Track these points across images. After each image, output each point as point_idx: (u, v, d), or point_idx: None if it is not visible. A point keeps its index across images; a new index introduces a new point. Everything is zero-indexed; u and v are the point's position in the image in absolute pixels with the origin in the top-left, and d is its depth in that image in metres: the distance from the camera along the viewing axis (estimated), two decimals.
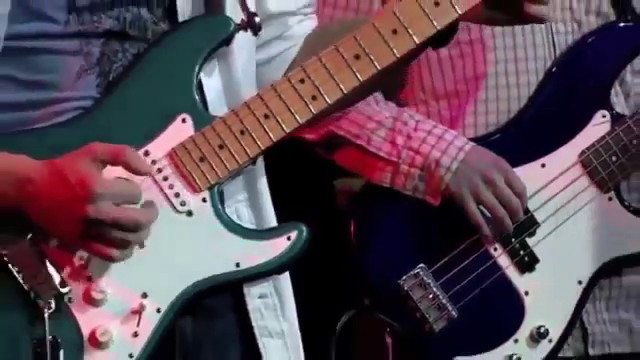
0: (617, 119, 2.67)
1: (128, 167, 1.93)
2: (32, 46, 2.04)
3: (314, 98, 2.03)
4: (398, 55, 2.00)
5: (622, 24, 2.77)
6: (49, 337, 1.91)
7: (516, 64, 2.74)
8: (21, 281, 1.93)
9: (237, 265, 2.00)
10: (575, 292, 2.63)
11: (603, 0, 2.83)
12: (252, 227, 2.12)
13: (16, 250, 1.97)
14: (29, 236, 1.94)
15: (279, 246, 2.03)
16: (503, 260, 2.60)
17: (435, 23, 2.00)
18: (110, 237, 1.92)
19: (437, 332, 2.57)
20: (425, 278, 2.57)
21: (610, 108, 2.68)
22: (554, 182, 2.66)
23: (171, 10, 2.11)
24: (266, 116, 2.02)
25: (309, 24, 2.29)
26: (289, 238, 2.03)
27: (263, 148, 2.01)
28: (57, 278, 1.96)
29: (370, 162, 2.69)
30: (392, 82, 2.74)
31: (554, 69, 2.74)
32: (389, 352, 2.77)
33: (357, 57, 2.05)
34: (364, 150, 2.69)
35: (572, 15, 2.78)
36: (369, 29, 2.04)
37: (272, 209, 2.18)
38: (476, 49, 2.73)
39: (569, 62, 2.76)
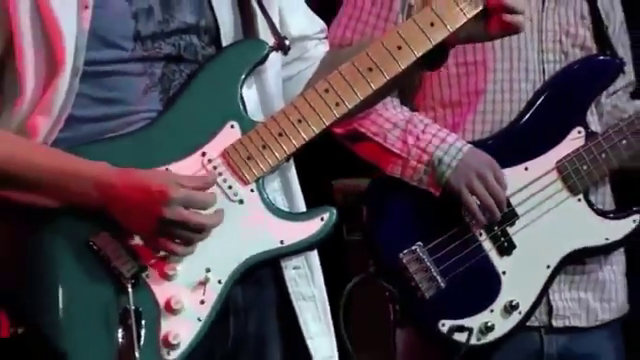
0: (590, 135, 2.96)
1: (204, 183, 2.27)
2: (105, 70, 2.30)
3: (337, 105, 2.32)
4: (402, 67, 2.29)
5: (601, 57, 3.09)
6: (132, 307, 2.20)
7: (511, 84, 3.06)
8: (106, 264, 2.24)
9: (281, 242, 2.29)
10: (544, 274, 2.92)
11: (587, 36, 3.12)
12: (289, 210, 2.43)
13: (101, 238, 2.23)
14: (111, 228, 2.24)
15: (314, 226, 2.33)
16: (486, 244, 2.89)
17: (431, 39, 2.28)
18: (179, 235, 2.22)
19: (427, 299, 2.84)
20: (421, 254, 2.85)
21: (586, 126, 2.97)
22: (534, 183, 2.93)
23: (216, 37, 2.38)
24: (299, 120, 2.31)
25: (323, 48, 2.58)
26: (322, 219, 2.32)
27: (298, 146, 2.30)
28: (136, 259, 2.27)
29: (385, 156, 2.97)
30: (405, 89, 3.02)
31: (542, 90, 3.03)
32: (390, 315, 3.07)
33: (370, 69, 2.33)
34: (380, 146, 2.96)
35: (561, 47, 3.08)
36: (378, 46, 2.33)
37: (301, 196, 2.45)
38: (479, 69, 3.05)
39: (555, 85, 3.05)
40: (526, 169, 2.93)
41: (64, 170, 2.25)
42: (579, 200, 2.96)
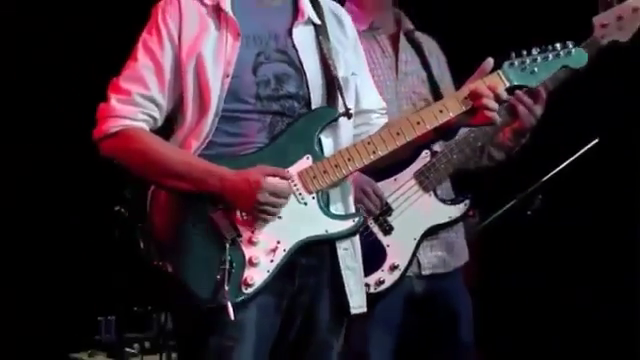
0: (434, 153, 3.62)
1: (283, 177, 2.87)
2: (234, 115, 2.96)
3: (374, 152, 2.96)
4: (418, 134, 2.95)
5: None
6: (228, 258, 2.86)
7: None
8: (217, 230, 2.89)
9: (326, 231, 2.96)
10: (413, 244, 3.63)
11: (427, 93, 3.76)
12: (339, 213, 3.02)
13: (217, 213, 2.91)
14: (221, 205, 2.89)
15: (348, 224, 3.00)
16: (375, 229, 3.61)
17: (438, 119, 2.93)
18: (266, 210, 2.87)
19: None
20: None
21: (430, 148, 3.61)
22: (401, 188, 3.64)
23: (308, 103, 3.00)
24: (349, 159, 2.97)
25: (383, 120, 3.16)
26: (354, 220, 3.00)
27: (346, 174, 2.98)
28: (236, 228, 2.91)
29: None
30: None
31: None
32: None
33: (397, 134, 2.96)
34: None
35: (412, 101, 3.72)
36: (405, 121, 2.98)
37: (352, 202, 3.09)
38: None
39: None
40: (395, 180, 3.62)
41: (206, 170, 2.91)
42: (430, 195, 3.64)
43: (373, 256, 3.51)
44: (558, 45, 2.98)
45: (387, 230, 3.58)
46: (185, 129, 2.97)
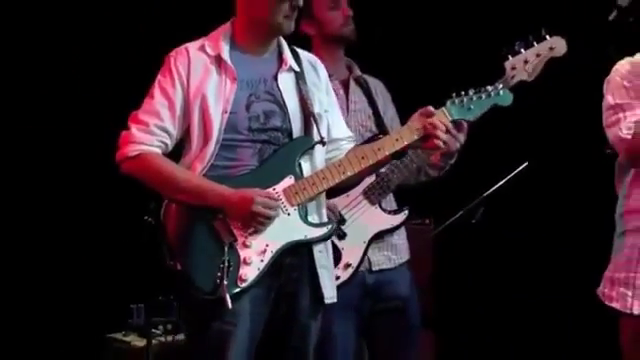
0: (378, 174, 3.45)
1: (271, 198, 2.81)
2: (232, 144, 2.92)
3: (343, 172, 2.93)
4: (379, 158, 2.89)
5: None
6: (227, 258, 2.81)
7: None
8: (220, 235, 2.84)
9: (305, 237, 2.92)
10: (363, 247, 3.48)
11: (373, 125, 3.60)
12: (315, 222, 2.95)
13: (218, 222, 2.85)
14: (221, 216, 2.83)
15: (323, 230, 2.95)
16: (333, 237, 3.21)
17: (395, 146, 2.88)
18: (258, 221, 2.83)
19: None
20: None
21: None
22: (352, 202, 3.49)
23: (290, 134, 2.97)
24: (323, 178, 2.93)
25: (350, 145, 3.13)
26: (327, 227, 2.97)
27: (321, 191, 2.93)
28: (233, 234, 2.86)
29: None
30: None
31: None
32: None
33: (363, 157, 2.94)
34: None
35: (360, 133, 3.52)
36: (369, 147, 2.94)
37: (325, 213, 3.04)
38: None
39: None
40: (347, 196, 3.48)
41: (209, 188, 2.88)
42: (376, 207, 3.51)
43: (334, 256, 3.32)
44: (489, 87, 2.97)
45: (341, 236, 3.46)
46: (192, 154, 2.94)
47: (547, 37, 3.18)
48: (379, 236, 3.52)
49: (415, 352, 3.67)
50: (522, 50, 3.19)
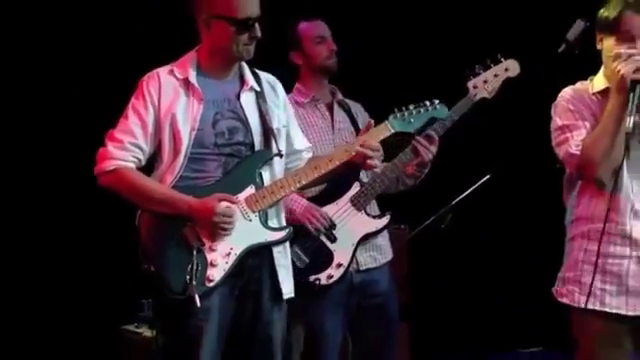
0: (363, 184, 3.55)
1: (232, 202, 2.85)
2: (199, 157, 2.93)
3: (299, 181, 2.97)
4: (330, 168, 2.98)
5: None
6: (195, 261, 2.85)
7: None
8: (189, 241, 2.86)
9: (266, 240, 2.94)
10: (352, 248, 3.52)
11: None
12: (274, 226, 2.97)
13: (187, 229, 2.87)
14: (190, 223, 2.85)
15: (282, 234, 2.99)
16: (323, 238, 3.50)
17: (340, 161, 2.96)
18: (220, 228, 2.85)
19: (301, 266, 3.43)
20: (295, 248, 3.40)
21: (360, 180, 3.57)
22: (341, 209, 3.54)
23: (252, 147, 2.96)
24: (281, 187, 2.95)
25: (309, 155, 3.15)
26: (285, 231, 2.99)
27: (279, 199, 2.95)
28: (200, 239, 2.87)
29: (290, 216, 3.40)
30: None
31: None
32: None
33: (315, 167, 2.99)
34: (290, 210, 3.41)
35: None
36: (322, 159, 3.01)
37: (283, 218, 3.04)
38: None
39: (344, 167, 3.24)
40: (336, 204, 3.54)
41: (177, 198, 2.90)
42: (362, 213, 3.56)
43: (324, 258, 3.54)
44: (427, 102, 3.06)
45: (333, 239, 3.56)
46: (163, 167, 2.96)
47: (502, 60, 3.42)
48: (365, 238, 3.57)
49: (394, 343, 3.70)
50: (481, 71, 3.42)
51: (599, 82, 2.97)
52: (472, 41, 4.67)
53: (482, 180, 4.13)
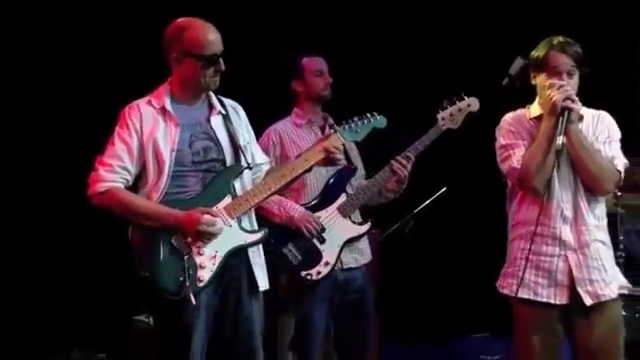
0: (349, 195, 3.76)
1: (213, 215, 2.89)
2: (180, 175, 2.98)
3: (269, 189, 3.02)
4: (296, 174, 3.03)
5: (349, 168, 3.74)
6: (186, 265, 2.89)
7: (312, 187, 3.75)
8: (179, 248, 2.90)
9: (244, 242, 3.00)
10: (337, 249, 3.72)
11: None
12: (249, 229, 3.03)
13: (176, 238, 2.91)
14: (179, 234, 2.89)
15: (257, 236, 3.07)
16: (315, 241, 3.70)
17: (305, 167, 3.02)
18: (205, 236, 2.91)
19: (295, 263, 3.64)
20: (290, 247, 3.65)
21: (347, 192, 3.77)
22: (330, 215, 3.75)
23: (224, 163, 3.01)
24: (254, 195, 3.01)
25: (267, 167, 3.20)
26: (260, 233, 3.08)
27: (253, 206, 3.01)
28: (189, 246, 2.93)
29: (274, 215, 3.69)
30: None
31: (332, 180, 3.79)
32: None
33: (282, 175, 3.05)
34: (273, 212, 3.67)
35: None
36: (287, 166, 3.06)
37: (256, 222, 3.10)
38: (299, 184, 3.67)
39: (331, 179, 3.80)
40: (326, 211, 3.76)
41: (164, 212, 2.93)
42: (347, 220, 3.78)
43: (314, 257, 3.75)
44: (369, 114, 3.19)
45: (322, 241, 3.76)
46: (149, 186, 3.02)
47: (465, 97, 3.70)
48: (349, 242, 3.79)
49: (370, 331, 3.93)
50: (448, 106, 3.70)
51: (535, 109, 3.17)
52: (439, 78, 4.88)
53: (439, 192, 4.32)
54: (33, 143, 4.76)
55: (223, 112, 3.11)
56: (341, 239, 3.77)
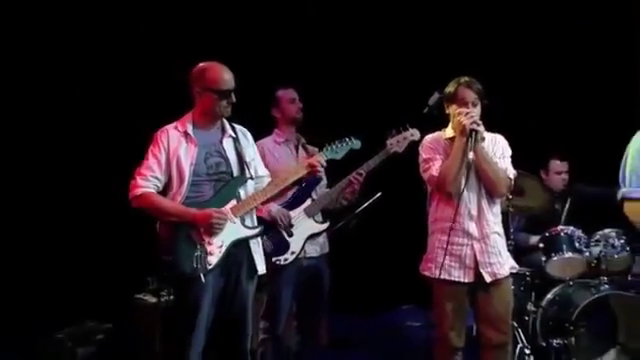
0: (313, 199, 4.22)
1: (222, 213, 3.34)
2: (196, 183, 3.50)
3: (265, 195, 3.51)
4: (288, 183, 3.55)
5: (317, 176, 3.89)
6: (200, 253, 3.44)
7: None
8: (194, 239, 3.43)
9: (246, 235, 3.54)
10: (302, 241, 4.18)
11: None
12: (250, 225, 3.52)
13: (194, 232, 3.42)
14: (194, 228, 3.39)
15: (256, 230, 3.60)
16: (284, 234, 4.24)
17: (295, 178, 3.50)
18: (215, 228, 3.42)
19: (268, 251, 4.09)
20: (264, 238, 4.00)
21: (312, 197, 4.24)
22: (298, 215, 4.28)
23: (232, 174, 3.51)
24: (253, 199, 3.50)
25: (267, 180, 3.66)
26: (258, 229, 3.61)
27: (253, 208, 3.51)
28: (202, 237, 3.46)
29: (257, 210, 3.80)
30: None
31: (302, 186, 4.10)
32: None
33: (276, 185, 3.54)
34: (258, 210, 3.85)
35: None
36: (280, 177, 3.53)
37: (256, 219, 3.59)
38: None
39: (304, 184, 4.11)
40: (295, 211, 4.27)
41: (184, 210, 3.40)
42: (311, 219, 4.32)
43: (283, 247, 4.32)
44: (347, 138, 3.70)
45: (290, 235, 4.33)
46: (173, 191, 3.52)
47: (409, 128, 4.20)
48: (312, 236, 4.36)
49: (325, 307, 4.45)
50: (395, 134, 4.19)
51: (449, 132, 3.67)
52: (383, 109, 5.54)
53: (375, 196, 4.59)
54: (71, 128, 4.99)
55: (233, 135, 3.58)
56: (305, 234, 4.35)
